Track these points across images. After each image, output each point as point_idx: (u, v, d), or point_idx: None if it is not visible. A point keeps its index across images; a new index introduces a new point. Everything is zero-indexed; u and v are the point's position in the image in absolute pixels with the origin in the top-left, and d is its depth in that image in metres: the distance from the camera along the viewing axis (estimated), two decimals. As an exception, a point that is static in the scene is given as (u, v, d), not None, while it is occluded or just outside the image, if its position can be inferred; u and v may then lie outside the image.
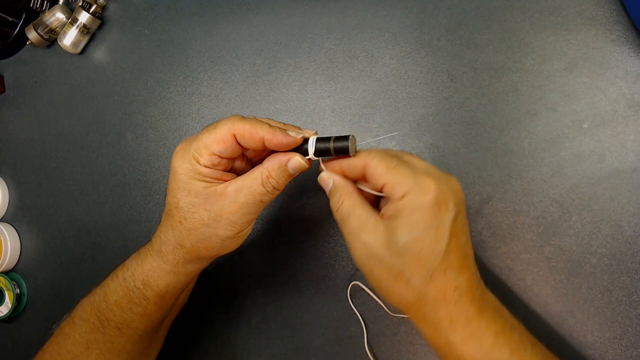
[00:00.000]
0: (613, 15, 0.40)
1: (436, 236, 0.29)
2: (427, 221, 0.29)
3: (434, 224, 0.29)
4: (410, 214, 0.29)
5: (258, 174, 0.33)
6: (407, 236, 0.29)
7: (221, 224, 0.33)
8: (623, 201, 0.38)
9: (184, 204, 0.33)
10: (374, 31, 0.46)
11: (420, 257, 0.29)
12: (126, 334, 0.37)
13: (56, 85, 0.59)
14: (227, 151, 0.32)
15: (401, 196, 0.29)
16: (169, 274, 0.36)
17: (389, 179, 0.30)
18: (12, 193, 0.61)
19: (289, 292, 0.46)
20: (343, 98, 0.46)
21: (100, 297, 0.37)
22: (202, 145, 0.32)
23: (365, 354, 0.43)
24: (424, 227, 0.29)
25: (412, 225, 0.29)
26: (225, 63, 0.51)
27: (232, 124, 0.32)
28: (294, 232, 0.47)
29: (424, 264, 0.29)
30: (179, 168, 0.33)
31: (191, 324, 0.49)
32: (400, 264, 0.29)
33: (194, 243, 0.34)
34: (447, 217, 0.29)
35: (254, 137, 0.31)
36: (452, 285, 0.30)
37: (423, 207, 0.29)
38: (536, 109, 0.41)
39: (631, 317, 0.37)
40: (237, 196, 0.33)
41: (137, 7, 0.56)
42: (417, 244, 0.29)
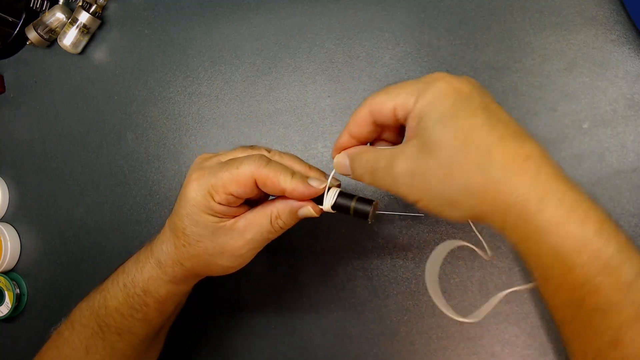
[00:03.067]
0: (613, 15, 0.40)
1: (469, 110, 0.25)
2: (452, 103, 0.26)
3: (461, 102, 0.26)
4: (431, 107, 0.26)
5: (268, 213, 0.32)
6: (438, 126, 0.26)
7: (225, 256, 0.33)
8: (623, 201, 0.38)
9: (190, 232, 0.33)
10: (374, 31, 0.46)
11: (465, 135, 0.25)
12: (126, 339, 0.37)
13: (56, 85, 0.59)
14: (245, 194, 0.31)
15: (414, 102, 0.27)
16: (168, 284, 0.36)
17: (394, 99, 0.28)
18: (12, 193, 0.61)
19: (289, 292, 0.46)
20: (343, 98, 0.46)
21: (99, 303, 0.37)
22: (220, 184, 0.31)
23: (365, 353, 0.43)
24: (452, 109, 0.26)
25: (439, 114, 0.26)
26: (225, 63, 0.51)
27: (256, 168, 0.30)
28: (294, 232, 0.47)
29: (474, 139, 0.25)
30: (192, 199, 0.32)
31: (191, 324, 0.49)
32: (451, 155, 0.25)
33: (194, 265, 0.34)
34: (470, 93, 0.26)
35: (275, 187, 0.31)
36: (522, 153, 0.24)
37: (441, 94, 0.26)
38: (536, 109, 0.41)
39: (631, 317, 0.37)
40: (245, 233, 0.32)
41: (137, 7, 0.56)
42: (452, 127, 0.25)
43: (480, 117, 0.25)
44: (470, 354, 0.40)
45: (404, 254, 0.43)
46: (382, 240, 0.44)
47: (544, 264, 0.25)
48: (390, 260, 0.43)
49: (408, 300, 0.43)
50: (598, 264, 0.23)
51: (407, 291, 0.43)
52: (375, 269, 0.44)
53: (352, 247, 0.45)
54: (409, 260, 0.43)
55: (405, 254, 0.43)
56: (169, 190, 0.52)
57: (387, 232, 0.44)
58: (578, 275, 0.24)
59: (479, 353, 0.40)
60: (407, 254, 0.43)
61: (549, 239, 0.24)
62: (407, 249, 0.43)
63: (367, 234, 0.44)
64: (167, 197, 0.52)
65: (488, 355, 0.40)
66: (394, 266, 0.43)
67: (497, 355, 0.40)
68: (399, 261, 0.43)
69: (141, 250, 0.38)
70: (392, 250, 0.43)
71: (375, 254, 0.44)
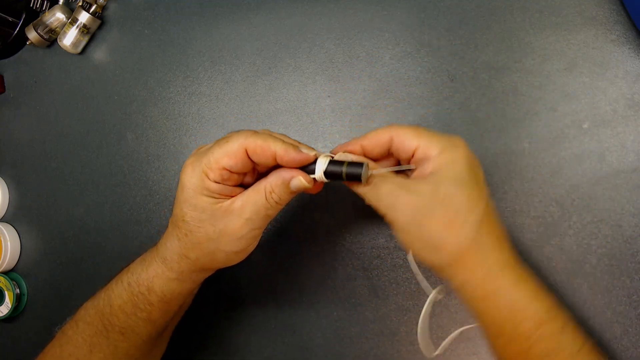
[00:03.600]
0: (613, 15, 0.40)
1: (477, 183, 0.31)
2: (468, 171, 0.31)
3: (473, 174, 0.31)
4: (452, 167, 0.31)
5: (262, 188, 0.32)
6: (454, 184, 0.30)
7: (226, 239, 0.33)
8: (623, 201, 0.38)
9: (190, 218, 0.33)
10: (374, 31, 0.46)
11: (471, 200, 0.30)
12: (130, 338, 0.37)
13: (56, 85, 0.59)
14: (237, 166, 0.31)
15: (439, 152, 0.31)
16: (173, 281, 0.36)
17: (421, 141, 0.31)
18: (12, 193, 0.61)
19: (289, 292, 0.46)
20: (343, 98, 0.46)
21: (104, 301, 0.37)
22: (212, 160, 0.31)
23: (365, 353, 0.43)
24: (467, 176, 0.31)
25: (456, 176, 0.30)
26: (225, 63, 0.51)
27: (244, 139, 0.31)
28: (294, 232, 0.47)
29: (476, 205, 0.30)
30: (187, 182, 0.32)
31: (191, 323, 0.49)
32: (453, 209, 0.30)
33: (199, 256, 0.34)
34: (480, 169, 0.32)
35: (266, 153, 0.31)
36: (498, 229, 0.31)
37: (462, 159, 0.31)
38: (536, 109, 0.41)
39: (631, 317, 0.37)
40: (243, 212, 0.32)
41: (137, 7, 0.56)
42: (465, 190, 0.30)
43: (484, 191, 0.32)
44: (470, 354, 0.40)
45: (404, 254, 0.43)
46: (382, 240, 0.44)
47: (498, 321, 0.31)
48: (390, 260, 0.43)
49: (408, 300, 0.43)
50: (537, 320, 0.30)
51: (407, 291, 0.43)
52: (375, 269, 0.44)
53: (352, 247, 0.45)
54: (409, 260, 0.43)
55: (405, 254, 0.43)
56: (169, 190, 0.52)
57: (388, 232, 0.44)
58: (524, 330, 0.30)
59: (479, 353, 0.40)
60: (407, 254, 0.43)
61: (503, 299, 0.31)
62: (407, 249, 0.43)
63: (368, 234, 0.44)
64: (167, 197, 0.52)
65: (488, 356, 0.40)
66: (394, 266, 0.43)
67: (497, 355, 0.40)
68: (399, 261, 0.43)
69: (148, 250, 0.38)
70: (392, 250, 0.43)
71: (375, 254, 0.44)
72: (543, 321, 0.30)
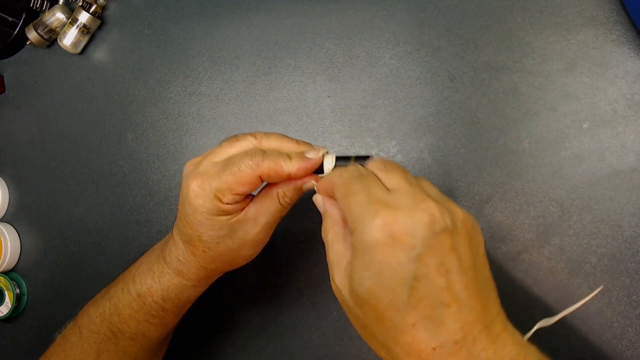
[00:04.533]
0: (613, 15, 0.40)
1: (392, 284, 0.23)
2: (379, 265, 0.24)
3: (387, 268, 0.23)
4: (362, 256, 0.24)
5: (274, 194, 0.33)
6: (360, 286, 0.24)
7: (246, 246, 0.34)
8: (623, 201, 0.38)
9: (208, 237, 0.33)
10: (374, 31, 0.46)
11: (378, 311, 0.24)
12: (140, 343, 0.37)
13: (56, 85, 0.59)
14: (251, 190, 0.32)
15: (352, 231, 0.25)
16: (190, 288, 0.36)
17: (343, 207, 0.27)
18: (12, 193, 0.61)
19: (289, 292, 0.46)
20: (343, 98, 0.46)
21: (111, 311, 0.37)
22: (225, 187, 0.31)
23: (365, 353, 0.43)
24: (377, 273, 0.24)
25: (365, 272, 0.24)
26: (225, 63, 0.51)
27: (256, 166, 0.30)
28: (295, 232, 0.47)
29: (384, 319, 0.24)
30: (200, 207, 0.32)
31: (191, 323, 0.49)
32: (363, 316, 0.25)
33: (218, 265, 0.35)
34: (403, 258, 0.23)
35: (280, 175, 0.31)
36: (429, 345, 0.23)
37: (371, 245, 0.24)
38: (536, 109, 0.41)
39: (631, 317, 0.37)
40: (258, 218, 0.33)
41: (137, 7, 0.56)
42: (372, 295, 0.24)
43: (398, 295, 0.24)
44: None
45: (404, 254, 0.43)
46: (382, 240, 0.44)
47: None
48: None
49: (408, 300, 0.43)
50: None
51: (407, 291, 0.43)
52: (375, 269, 0.44)
53: (352, 247, 0.45)
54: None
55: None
56: (169, 190, 0.52)
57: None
58: None
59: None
60: (407, 254, 0.43)
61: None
62: (407, 249, 0.43)
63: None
64: (167, 197, 0.52)
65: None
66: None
67: (497, 355, 0.40)
68: (399, 261, 0.43)
69: (151, 258, 0.37)
70: (392, 250, 0.43)
71: (375, 254, 0.44)
72: None
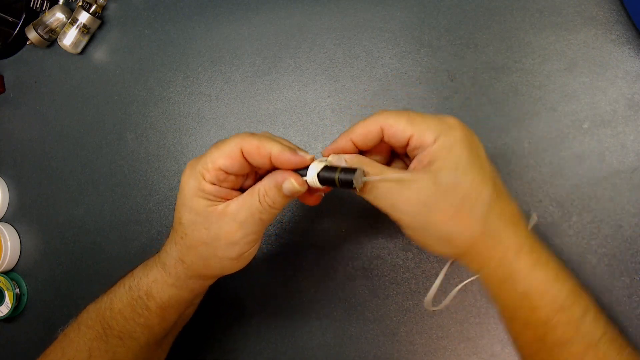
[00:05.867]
0: (613, 15, 0.40)
1: (480, 167, 0.29)
2: (468, 154, 0.29)
3: (473, 156, 0.29)
4: (450, 153, 0.29)
5: (255, 191, 0.32)
6: (454, 172, 0.29)
7: (220, 244, 0.32)
8: (623, 201, 0.38)
9: (186, 221, 0.33)
10: (374, 31, 0.46)
11: (475, 186, 0.29)
12: (127, 344, 0.37)
13: (56, 85, 0.59)
14: (233, 167, 0.31)
15: (434, 140, 0.29)
16: (171, 287, 0.35)
17: (415, 130, 0.29)
18: (12, 193, 0.61)
19: (289, 292, 0.46)
20: (343, 98, 0.46)
21: (106, 304, 0.37)
22: (208, 160, 0.31)
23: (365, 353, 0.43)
24: (467, 160, 0.29)
25: (456, 162, 0.29)
26: (225, 63, 0.51)
27: (241, 139, 0.31)
28: (294, 232, 0.47)
29: (480, 190, 0.29)
30: (185, 185, 0.32)
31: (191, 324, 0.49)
32: (457, 199, 0.29)
33: (193, 260, 0.34)
34: (481, 148, 0.30)
35: (261, 153, 0.30)
36: (509, 210, 0.30)
37: (460, 143, 0.29)
38: (536, 109, 0.41)
39: (631, 317, 0.37)
40: (237, 215, 0.32)
41: (137, 7, 0.56)
42: (467, 176, 0.29)
43: (487, 172, 0.30)
44: (470, 354, 0.40)
45: (404, 254, 0.43)
46: (382, 240, 0.44)
47: (514, 305, 0.30)
48: (390, 260, 0.43)
49: (408, 300, 0.43)
50: (556, 305, 0.29)
51: (407, 291, 0.43)
52: (375, 269, 0.44)
53: (352, 247, 0.45)
54: (409, 260, 0.43)
55: (405, 254, 0.43)
56: (169, 190, 0.52)
57: (388, 232, 0.44)
58: (541, 315, 0.29)
59: (479, 353, 0.40)
60: (407, 254, 0.43)
61: (520, 284, 0.29)
62: (407, 249, 0.43)
63: (368, 235, 0.44)
64: (167, 197, 0.52)
65: (488, 355, 0.40)
66: (394, 266, 0.43)
67: (497, 355, 0.40)
68: (398, 261, 0.43)
69: (150, 257, 0.38)
70: (392, 250, 0.43)
71: (375, 254, 0.44)
72: (561, 307, 0.29)
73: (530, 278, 0.29)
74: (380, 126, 0.31)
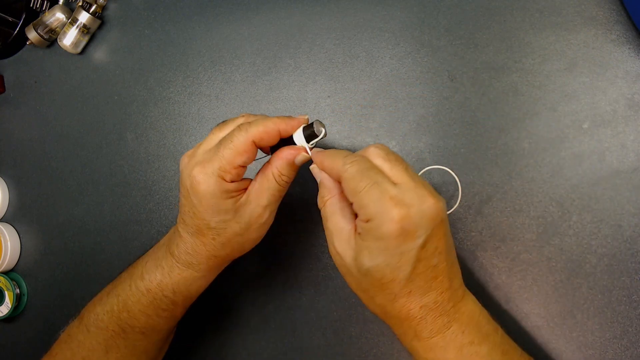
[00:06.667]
0: (613, 15, 0.40)
1: (398, 264, 0.29)
2: (389, 251, 0.28)
3: (396, 253, 0.28)
4: (374, 241, 0.29)
5: (270, 174, 0.34)
6: (369, 262, 0.29)
7: (252, 229, 0.35)
8: (623, 201, 0.38)
9: (216, 224, 0.34)
10: (374, 31, 0.46)
11: (382, 283, 0.29)
12: (150, 336, 0.38)
13: (56, 85, 0.59)
14: (249, 159, 0.33)
15: (366, 220, 0.29)
16: (200, 279, 0.37)
17: (354, 200, 0.30)
18: (12, 193, 0.61)
19: (289, 292, 0.46)
20: (343, 98, 0.46)
21: (119, 308, 0.37)
22: (225, 162, 0.32)
23: (365, 353, 0.43)
24: (386, 256, 0.29)
25: (375, 253, 0.29)
26: (225, 63, 0.51)
27: (247, 132, 0.32)
28: (294, 232, 0.47)
29: (386, 289, 0.30)
30: (206, 193, 0.32)
31: (191, 324, 0.49)
32: (365, 283, 0.30)
33: (228, 253, 0.36)
34: (412, 246, 0.28)
35: (271, 134, 0.33)
36: (417, 305, 0.30)
37: (386, 236, 0.28)
38: (536, 109, 0.41)
39: (631, 317, 0.37)
40: (260, 200, 0.34)
41: (137, 7, 0.56)
42: (378, 272, 0.29)
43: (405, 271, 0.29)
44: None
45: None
46: (382, 240, 0.44)
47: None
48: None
49: (408, 300, 0.43)
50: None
51: (407, 291, 0.43)
52: (375, 269, 0.44)
53: (352, 247, 0.45)
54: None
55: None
56: (169, 190, 0.52)
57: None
58: None
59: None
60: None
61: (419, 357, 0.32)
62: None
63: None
64: (167, 197, 0.52)
65: None
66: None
67: (497, 355, 0.40)
68: (399, 261, 0.43)
69: (158, 255, 0.38)
70: (392, 250, 0.43)
71: (375, 254, 0.44)
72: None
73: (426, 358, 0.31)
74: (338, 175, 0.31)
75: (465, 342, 0.31)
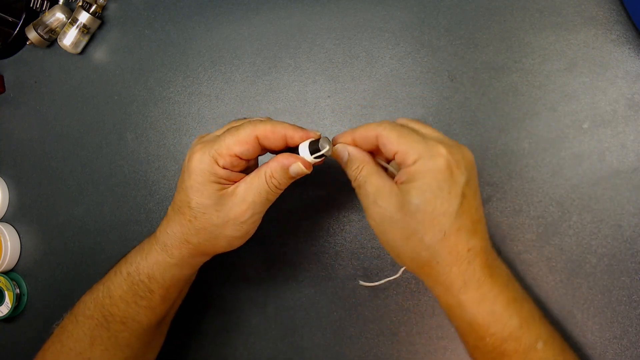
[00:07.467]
0: (613, 15, 0.40)
1: (448, 197, 0.30)
2: (439, 183, 0.30)
3: (445, 186, 0.30)
4: (423, 177, 0.30)
5: (262, 174, 0.33)
6: (419, 197, 0.30)
7: (229, 224, 0.34)
8: (623, 201, 0.38)
9: (195, 205, 0.34)
10: (374, 31, 0.46)
11: (433, 216, 0.30)
12: (131, 327, 0.38)
13: (56, 85, 0.59)
14: (248, 152, 0.33)
15: (413, 161, 0.30)
16: (173, 267, 0.36)
17: (400, 147, 0.31)
18: (12, 193, 0.61)
19: (289, 292, 0.46)
20: (343, 98, 0.46)
21: (103, 293, 0.38)
22: (223, 146, 0.32)
23: (365, 353, 0.43)
24: (436, 188, 0.30)
25: (425, 187, 0.30)
26: (225, 63, 0.51)
27: (254, 126, 0.33)
28: (295, 232, 0.47)
29: (436, 223, 0.30)
30: (196, 168, 0.33)
31: (191, 323, 0.49)
32: (413, 223, 0.30)
33: (201, 241, 0.35)
34: (459, 180, 0.30)
35: (277, 136, 0.33)
36: (465, 246, 0.30)
37: (435, 170, 0.30)
38: (536, 109, 0.41)
39: (631, 317, 0.37)
40: (246, 196, 0.33)
41: (137, 7, 0.56)
42: (429, 204, 0.30)
43: (454, 204, 0.30)
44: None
45: (404, 254, 0.43)
46: (382, 240, 0.44)
47: (462, 330, 0.33)
48: (390, 260, 0.43)
49: (408, 300, 0.43)
50: (504, 334, 0.30)
51: (407, 291, 0.43)
52: (375, 268, 0.44)
53: (352, 248, 0.45)
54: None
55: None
56: (169, 190, 0.52)
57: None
58: (488, 343, 0.31)
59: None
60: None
61: (466, 314, 0.31)
62: (407, 249, 0.43)
63: (368, 235, 0.44)
64: (167, 197, 0.52)
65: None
66: (394, 266, 0.43)
67: (497, 355, 0.40)
68: (399, 261, 0.43)
69: (144, 240, 0.38)
70: (392, 250, 0.43)
71: (375, 254, 0.44)
72: (509, 337, 0.30)
73: (474, 311, 0.31)
74: (376, 134, 0.32)
75: (510, 297, 0.31)
